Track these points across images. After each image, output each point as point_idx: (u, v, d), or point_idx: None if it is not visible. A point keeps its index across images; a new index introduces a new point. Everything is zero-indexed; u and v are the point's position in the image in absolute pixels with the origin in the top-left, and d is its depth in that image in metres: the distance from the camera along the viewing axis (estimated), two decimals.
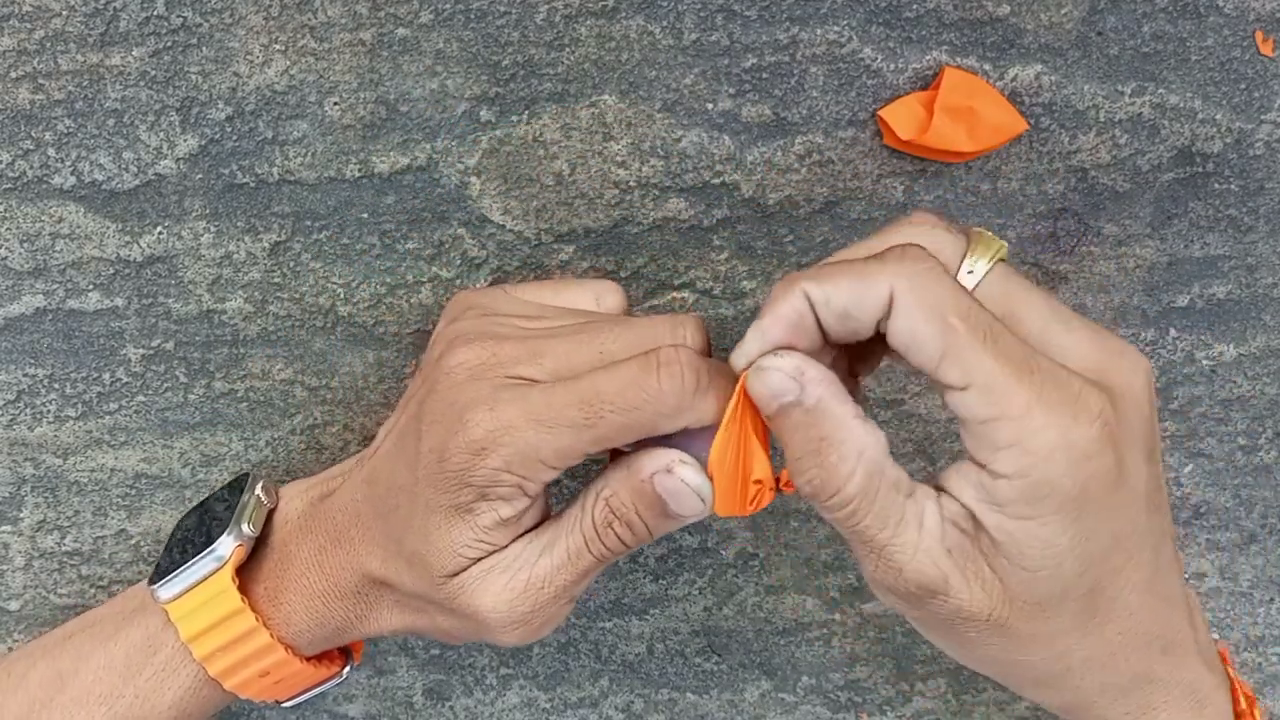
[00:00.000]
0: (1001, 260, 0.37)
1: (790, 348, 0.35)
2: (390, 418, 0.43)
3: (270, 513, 0.44)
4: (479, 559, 0.39)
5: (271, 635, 0.42)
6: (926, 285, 0.34)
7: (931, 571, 0.35)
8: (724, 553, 0.52)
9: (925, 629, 0.38)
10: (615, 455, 0.39)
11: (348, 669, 0.45)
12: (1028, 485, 0.34)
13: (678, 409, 0.36)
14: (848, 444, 0.35)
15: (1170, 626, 0.38)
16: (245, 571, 0.43)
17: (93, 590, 0.51)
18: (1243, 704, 0.41)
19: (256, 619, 0.42)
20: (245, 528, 0.43)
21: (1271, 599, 0.53)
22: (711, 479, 0.37)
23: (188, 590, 0.42)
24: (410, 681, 0.54)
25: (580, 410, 0.36)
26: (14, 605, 0.51)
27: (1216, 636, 0.53)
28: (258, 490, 0.45)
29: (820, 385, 0.35)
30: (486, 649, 0.53)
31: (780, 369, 0.35)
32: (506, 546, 0.39)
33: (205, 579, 0.42)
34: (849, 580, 0.52)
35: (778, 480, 0.37)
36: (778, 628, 0.53)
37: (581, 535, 0.38)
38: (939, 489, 0.36)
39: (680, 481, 0.36)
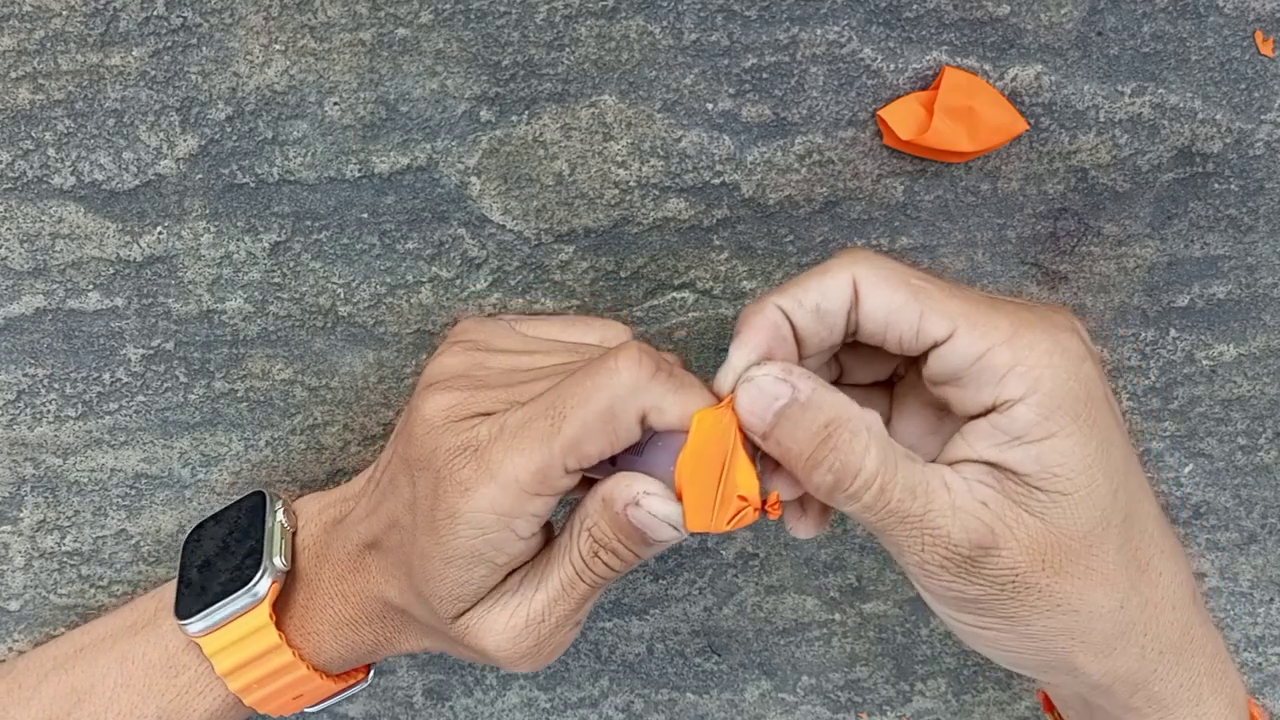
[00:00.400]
0: None
1: (770, 358, 0.36)
2: (388, 444, 0.43)
3: (293, 536, 0.45)
4: (480, 599, 0.39)
5: (308, 667, 0.42)
6: (882, 263, 0.36)
7: (976, 525, 0.35)
8: (724, 553, 0.52)
9: (982, 620, 0.37)
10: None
11: (371, 675, 0.46)
12: (1040, 399, 0.35)
13: (633, 387, 0.36)
14: (854, 419, 0.35)
15: (1191, 586, 0.39)
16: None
17: (93, 590, 0.51)
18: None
19: (294, 653, 0.42)
20: (278, 561, 0.43)
21: (1271, 599, 0.53)
22: (680, 496, 0.37)
23: (220, 626, 0.42)
24: (410, 681, 0.54)
25: (544, 417, 0.36)
26: (14, 605, 0.51)
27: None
28: (280, 516, 0.44)
29: (808, 378, 0.36)
30: None
31: (768, 373, 0.35)
32: (505, 580, 0.39)
33: (239, 615, 0.42)
34: (849, 580, 0.52)
35: (764, 501, 0.37)
36: (778, 628, 0.53)
37: (572, 566, 0.38)
38: (948, 464, 0.37)
39: (648, 514, 0.37)
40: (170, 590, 0.45)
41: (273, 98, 0.44)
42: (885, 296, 0.36)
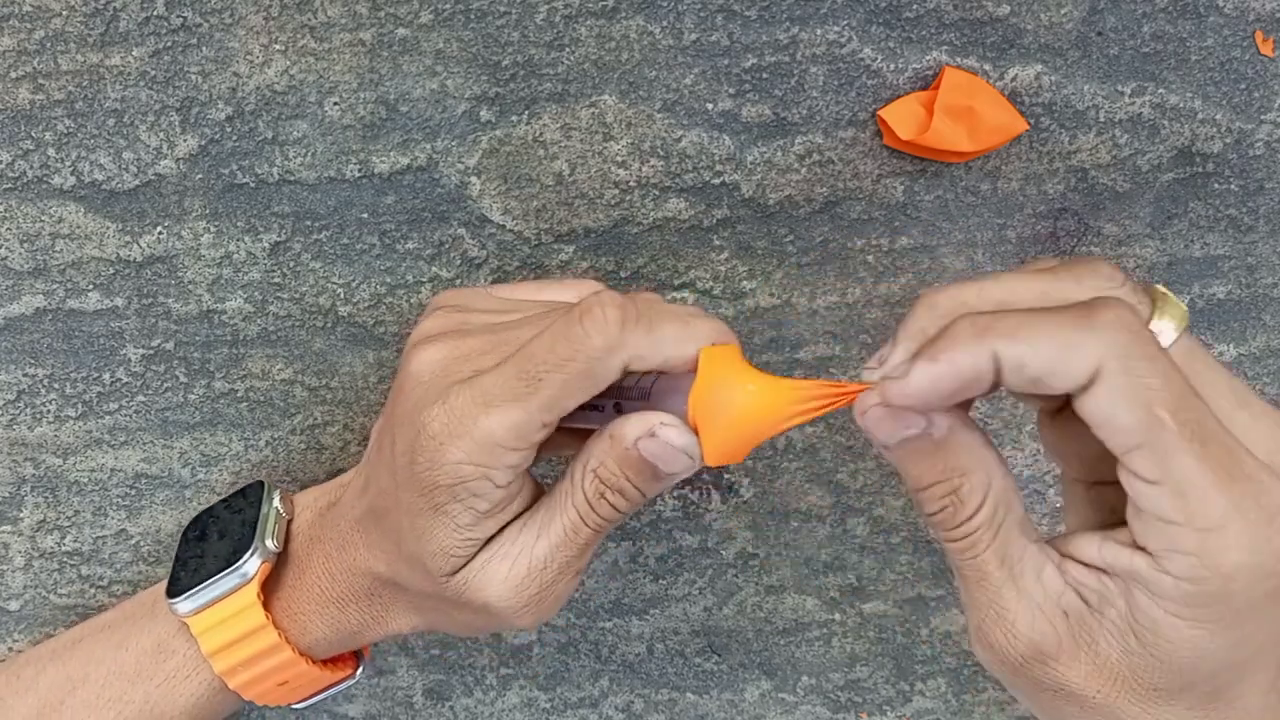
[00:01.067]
0: (1186, 329, 0.34)
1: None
2: (378, 420, 0.43)
3: (288, 524, 0.45)
4: (475, 554, 0.39)
5: (293, 649, 0.42)
6: (1138, 365, 0.30)
7: (1046, 630, 0.33)
8: (724, 553, 0.52)
9: (1022, 694, 0.36)
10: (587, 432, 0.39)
11: (360, 669, 0.46)
12: (1197, 594, 0.31)
13: (607, 348, 0.35)
14: (978, 474, 0.33)
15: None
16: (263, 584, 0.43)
17: (93, 590, 0.51)
18: None
19: (280, 635, 0.42)
20: (269, 543, 0.43)
21: None
22: (696, 431, 0.36)
23: (209, 605, 0.42)
24: (410, 681, 0.54)
25: (520, 380, 0.36)
26: (14, 605, 0.51)
27: None
28: (275, 502, 0.44)
29: (949, 415, 0.33)
30: (486, 649, 0.53)
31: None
32: (502, 533, 0.39)
33: (228, 595, 0.42)
34: (849, 580, 0.52)
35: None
36: (778, 628, 0.53)
37: (575, 510, 0.38)
38: (1063, 554, 0.34)
39: (666, 444, 0.36)
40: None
41: (273, 98, 0.44)
42: (1117, 410, 0.31)
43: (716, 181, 0.46)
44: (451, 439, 0.36)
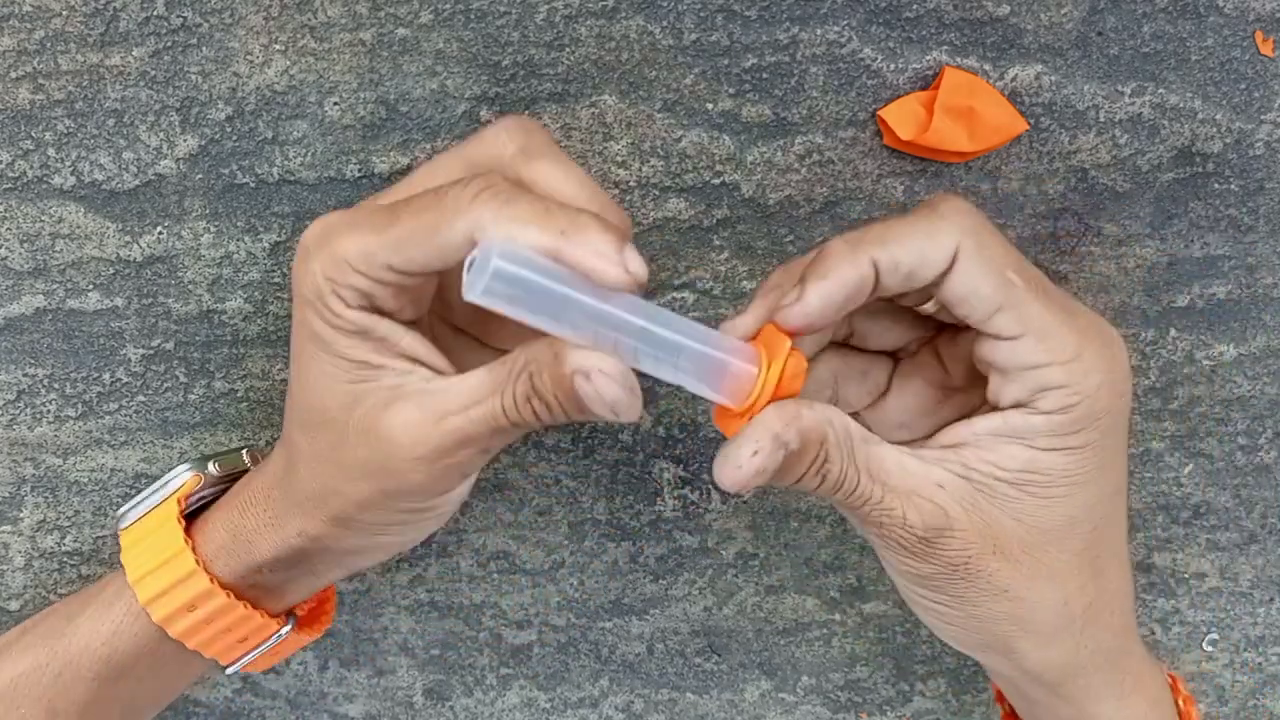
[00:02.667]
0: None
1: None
2: None
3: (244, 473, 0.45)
4: (357, 381, 0.38)
5: (197, 560, 0.41)
6: (986, 241, 0.36)
7: (930, 508, 0.37)
8: (724, 553, 0.52)
9: (934, 597, 0.39)
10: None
11: (287, 628, 0.44)
12: (1066, 420, 0.36)
13: (454, 211, 0.35)
14: (829, 437, 0.37)
15: (1133, 594, 0.41)
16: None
17: None
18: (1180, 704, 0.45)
19: (186, 541, 0.42)
20: (211, 466, 0.44)
21: (1271, 599, 0.53)
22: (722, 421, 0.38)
23: (140, 519, 0.43)
24: (410, 681, 0.54)
25: (384, 214, 0.36)
26: (14, 605, 0.51)
27: (1216, 637, 0.53)
28: (244, 451, 0.46)
29: (791, 423, 0.36)
30: (486, 649, 0.53)
31: (764, 448, 0.36)
32: (427, 385, 0.38)
33: (154, 508, 0.43)
34: (849, 580, 0.52)
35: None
36: (778, 628, 0.53)
37: (500, 401, 0.37)
38: (926, 446, 0.39)
39: (596, 393, 0.35)
40: None
41: (273, 98, 0.44)
42: (974, 281, 0.36)
43: (716, 181, 0.46)
44: (315, 249, 0.37)
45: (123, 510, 0.44)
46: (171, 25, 0.43)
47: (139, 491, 0.49)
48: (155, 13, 0.43)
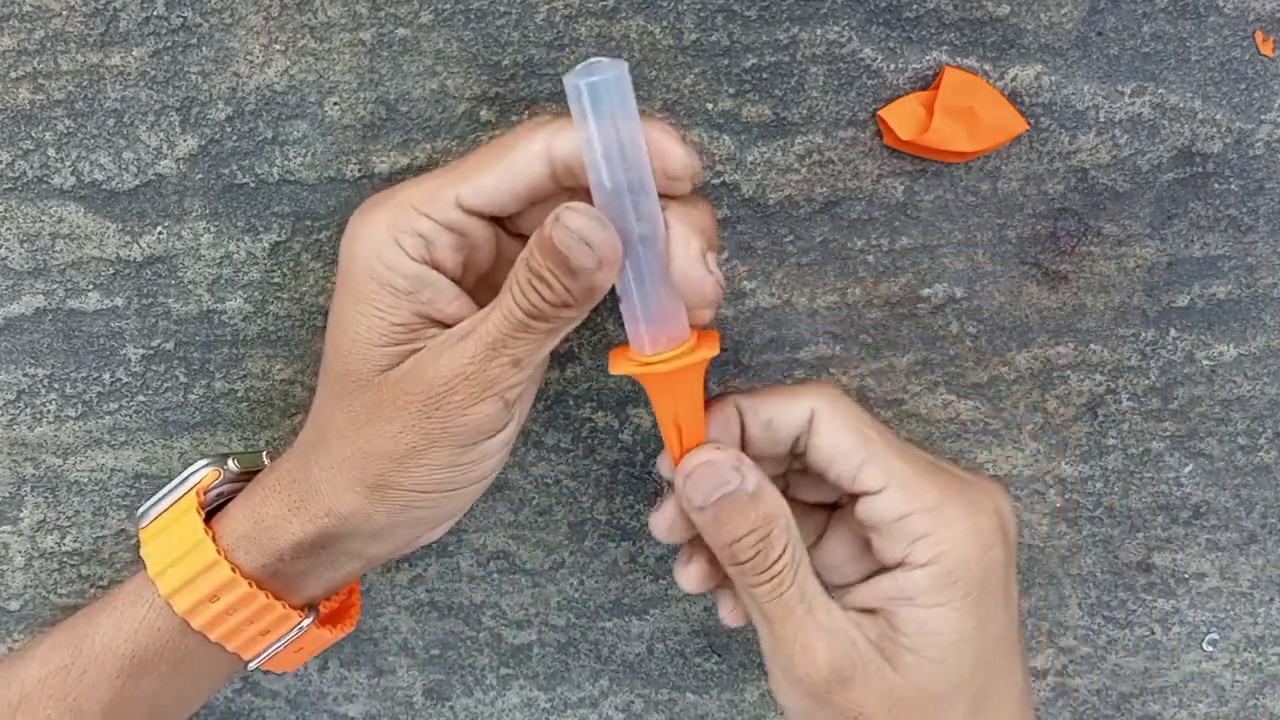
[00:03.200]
0: None
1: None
2: None
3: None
4: (396, 343, 0.39)
5: (218, 550, 0.41)
6: (843, 405, 0.41)
7: (842, 655, 0.40)
8: None
9: None
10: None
11: (309, 620, 0.44)
12: (940, 572, 0.39)
13: (530, 131, 0.37)
14: (782, 519, 0.40)
15: None
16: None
17: (93, 590, 0.51)
18: None
19: (207, 532, 0.42)
20: (230, 463, 0.45)
21: (1271, 599, 0.53)
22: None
23: (159, 517, 0.44)
24: (410, 681, 0.54)
25: (450, 166, 0.39)
26: (14, 605, 0.51)
27: (1216, 637, 0.53)
28: (264, 453, 0.47)
29: (756, 471, 0.40)
30: (486, 649, 0.53)
31: (725, 460, 0.40)
32: (428, 329, 0.39)
33: (173, 504, 0.44)
34: None
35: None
36: None
37: (510, 293, 0.38)
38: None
39: (564, 229, 0.36)
40: None
41: (273, 98, 0.44)
42: (836, 437, 0.41)
43: (716, 181, 0.46)
44: (373, 207, 0.39)
45: (143, 509, 0.45)
46: (171, 25, 0.43)
47: (138, 490, 0.49)
48: (155, 13, 0.43)
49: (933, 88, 0.44)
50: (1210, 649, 0.53)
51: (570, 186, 0.38)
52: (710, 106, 0.45)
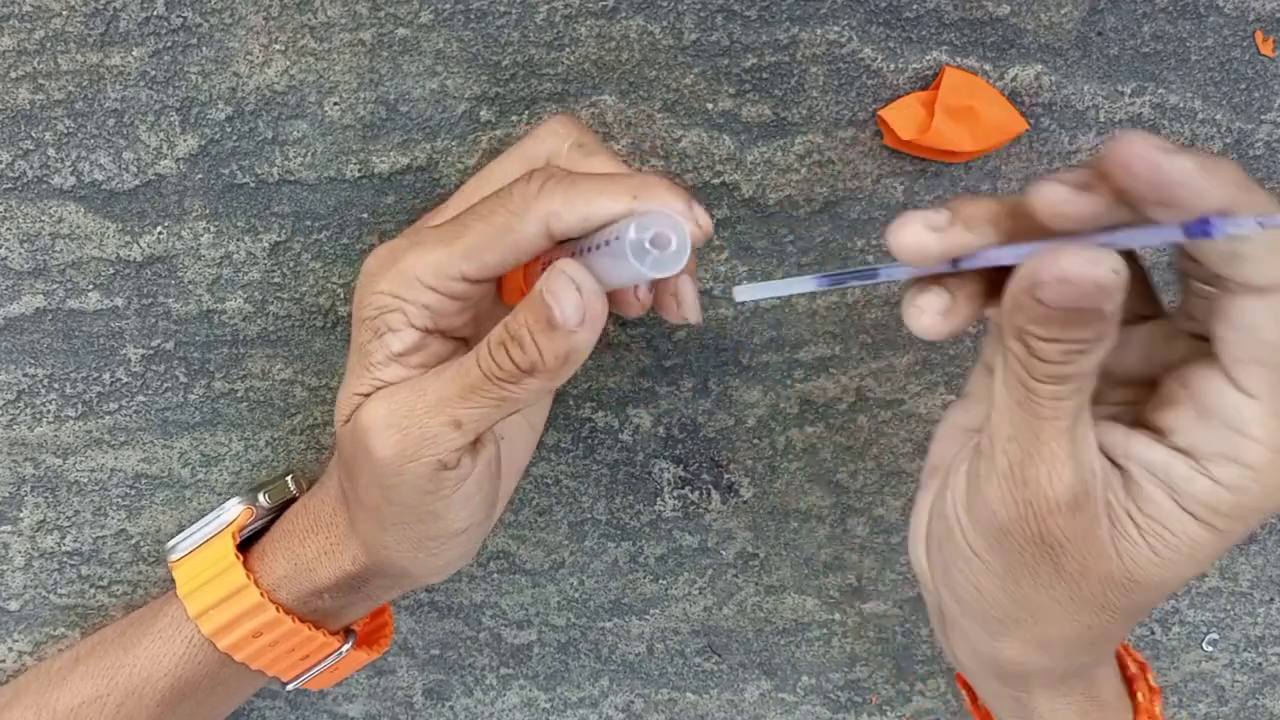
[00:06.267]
0: None
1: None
2: None
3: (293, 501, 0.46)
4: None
5: (261, 593, 0.42)
6: None
7: (1087, 481, 0.33)
8: (724, 553, 0.52)
9: (983, 552, 0.35)
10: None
11: (347, 645, 0.45)
12: (1232, 503, 0.33)
13: (524, 203, 0.36)
14: (1110, 338, 0.32)
15: None
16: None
17: (93, 590, 0.51)
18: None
19: (248, 576, 0.43)
20: (261, 498, 0.46)
21: (1271, 599, 0.53)
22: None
23: (192, 552, 0.45)
24: (410, 681, 0.54)
25: (451, 228, 0.37)
26: (14, 605, 0.51)
27: (1216, 637, 0.53)
28: (288, 478, 0.47)
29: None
30: (486, 649, 0.53)
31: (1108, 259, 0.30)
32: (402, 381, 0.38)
33: (209, 540, 0.45)
34: (849, 580, 0.52)
35: None
36: (778, 628, 0.53)
37: (475, 354, 0.37)
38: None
39: (559, 273, 0.35)
40: None
41: (273, 98, 0.44)
42: (1269, 328, 0.32)
43: (716, 181, 0.46)
44: (381, 271, 0.38)
45: (172, 543, 0.46)
46: (171, 25, 0.43)
47: (138, 490, 0.49)
48: (155, 13, 0.43)
49: (933, 88, 0.44)
50: (1210, 649, 0.53)
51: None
52: (710, 106, 0.45)
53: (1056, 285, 0.30)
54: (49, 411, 0.48)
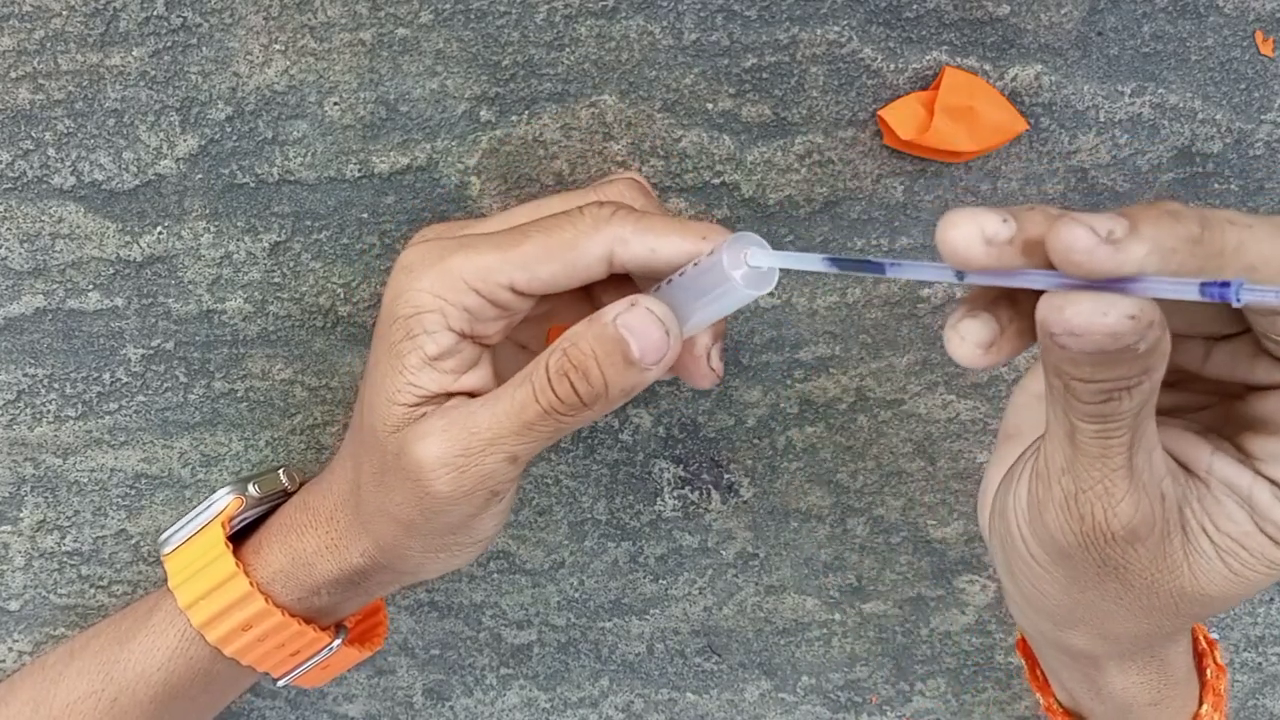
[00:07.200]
0: None
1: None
2: None
3: (286, 494, 0.46)
4: (415, 405, 0.37)
5: (251, 583, 0.42)
6: None
7: (1147, 514, 0.32)
8: (724, 553, 0.52)
9: (1060, 569, 0.34)
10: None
11: (338, 641, 0.45)
12: None
13: (593, 226, 0.36)
14: (1159, 372, 0.30)
15: None
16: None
17: (93, 590, 0.51)
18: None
19: (238, 565, 0.42)
20: (251, 488, 0.45)
21: (1271, 599, 0.53)
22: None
23: (184, 544, 0.44)
24: (410, 681, 0.54)
25: (508, 235, 0.36)
26: (14, 605, 0.51)
27: (1217, 636, 0.53)
28: (280, 471, 0.47)
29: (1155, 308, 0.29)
30: (486, 649, 0.53)
31: (1126, 304, 0.27)
32: (448, 398, 0.38)
33: (199, 531, 0.44)
34: (849, 580, 0.52)
35: None
36: (778, 628, 0.53)
37: (531, 385, 0.36)
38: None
39: (645, 311, 0.34)
40: None
41: (273, 98, 0.44)
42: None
43: (716, 181, 0.46)
44: (424, 268, 0.37)
45: (165, 535, 0.45)
46: (171, 25, 0.43)
47: (138, 490, 0.49)
48: (155, 13, 0.43)
49: (933, 88, 0.44)
50: None
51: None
52: (710, 106, 0.45)
53: (1068, 338, 0.27)
54: (49, 411, 0.48)
